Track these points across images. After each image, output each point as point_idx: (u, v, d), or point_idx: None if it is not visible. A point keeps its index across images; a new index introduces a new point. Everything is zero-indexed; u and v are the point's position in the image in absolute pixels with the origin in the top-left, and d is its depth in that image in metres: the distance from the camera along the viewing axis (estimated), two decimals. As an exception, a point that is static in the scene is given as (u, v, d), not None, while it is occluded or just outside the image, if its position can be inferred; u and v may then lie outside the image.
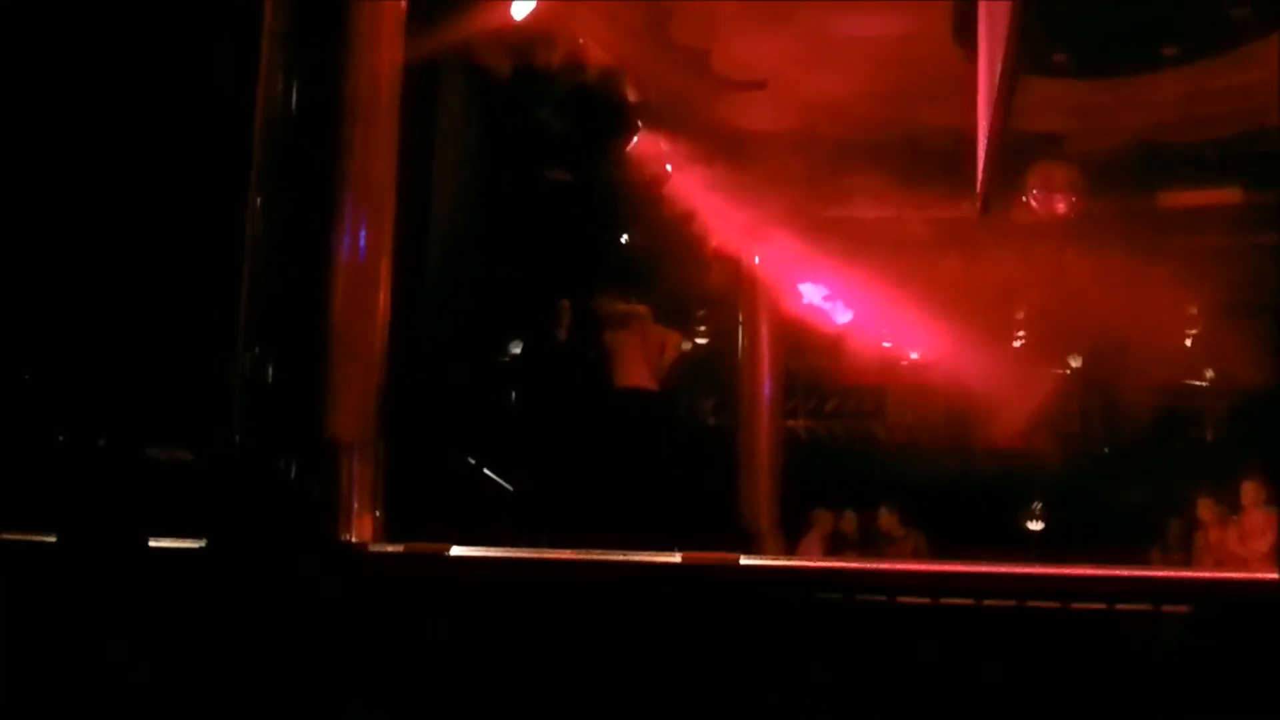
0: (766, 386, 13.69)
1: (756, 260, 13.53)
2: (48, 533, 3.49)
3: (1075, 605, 5.11)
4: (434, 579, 5.44)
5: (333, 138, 7.23)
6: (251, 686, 2.68)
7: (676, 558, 5.44)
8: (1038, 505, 12.93)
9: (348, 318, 7.14)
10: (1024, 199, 12.10)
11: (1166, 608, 4.67)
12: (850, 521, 12.41)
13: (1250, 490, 10.36)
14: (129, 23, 8.53)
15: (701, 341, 14.73)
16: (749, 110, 11.84)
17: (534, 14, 9.11)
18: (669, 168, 11.96)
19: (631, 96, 10.99)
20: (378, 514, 6.95)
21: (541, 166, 11.37)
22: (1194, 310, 13.78)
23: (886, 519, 12.45)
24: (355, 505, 6.85)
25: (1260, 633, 1.98)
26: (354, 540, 6.61)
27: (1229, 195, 12.34)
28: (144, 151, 8.67)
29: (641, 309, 10.93)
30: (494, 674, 2.08)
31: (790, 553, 12.01)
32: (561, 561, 5.79)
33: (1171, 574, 6.51)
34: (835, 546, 12.31)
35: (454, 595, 4.93)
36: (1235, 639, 1.96)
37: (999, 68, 6.66)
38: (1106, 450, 13.52)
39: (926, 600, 5.12)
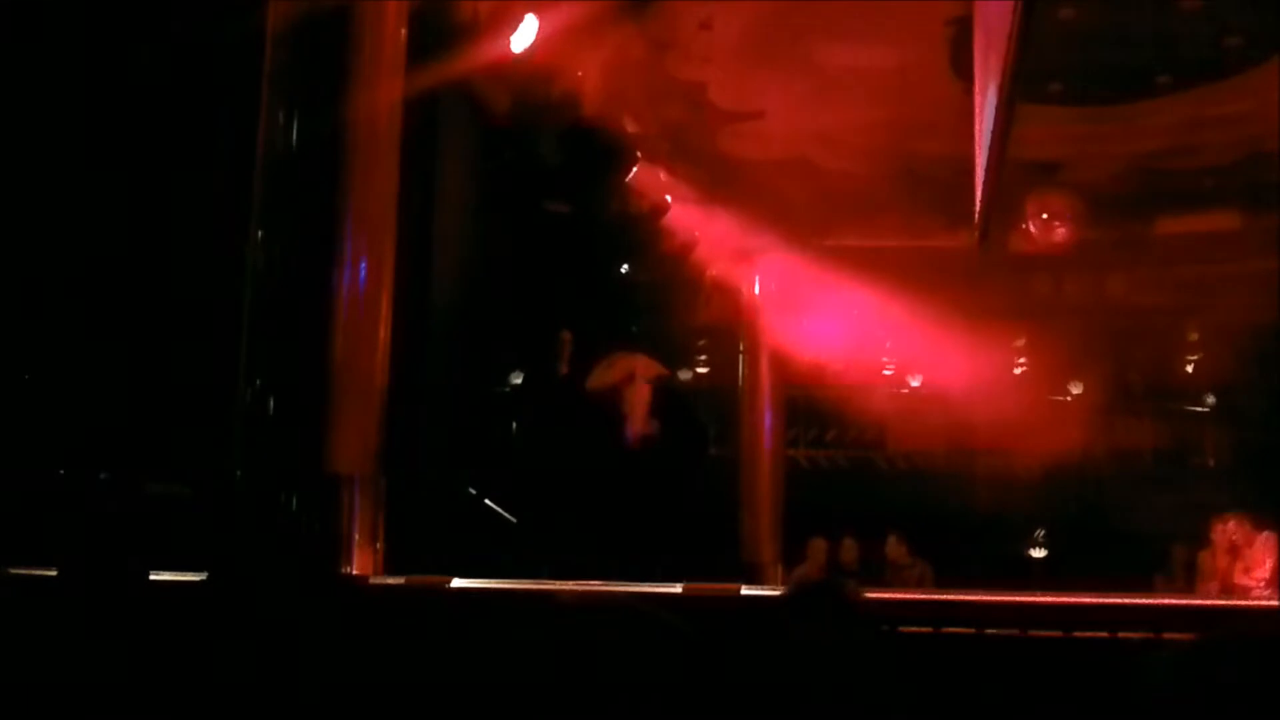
0: (767, 416, 13.67)
1: (756, 290, 13.55)
2: (48, 567, 3.48)
3: (1078, 633, 5.10)
4: (435, 611, 5.43)
5: (333, 172, 7.28)
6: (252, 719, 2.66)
7: (677, 588, 5.44)
8: (1040, 533, 12.89)
9: (348, 351, 7.17)
10: (1023, 227, 12.12)
11: (1169, 635, 4.67)
12: (850, 550, 12.35)
13: (1249, 520, 10.32)
14: (131, 60, 8.57)
15: (702, 371, 14.73)
16: (747, 141, 11.89)
17: (533, 48, 9.15)
18: (668, 199, 11.99)
19: (630, 129, 11.03)
20: (379, 546, 6.96)
21: (541, 199, 11.40)
22: (1194, 336, 13.78)
23: (894, 548, 12.40)
24: (356, 538, 6.86)
25: (1265, 661, 1.97)
26: (355, 573, 6.62)
27: (1227, 221, 12.37)
28: (146, 186, 8.71)
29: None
30: (496, 706, 2.07)
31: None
32: (563, 593, 5.77)
33: (1174, 601, 6.50)
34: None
35: (456, 627, 4.92)
36: (1240, 667, 1.94)
37: (996, 98, 6.69)
38: (1108, 477, 13.49)
39: (929, 629, 5.11)
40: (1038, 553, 12.77)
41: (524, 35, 9.05)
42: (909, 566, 12.22)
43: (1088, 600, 5.41)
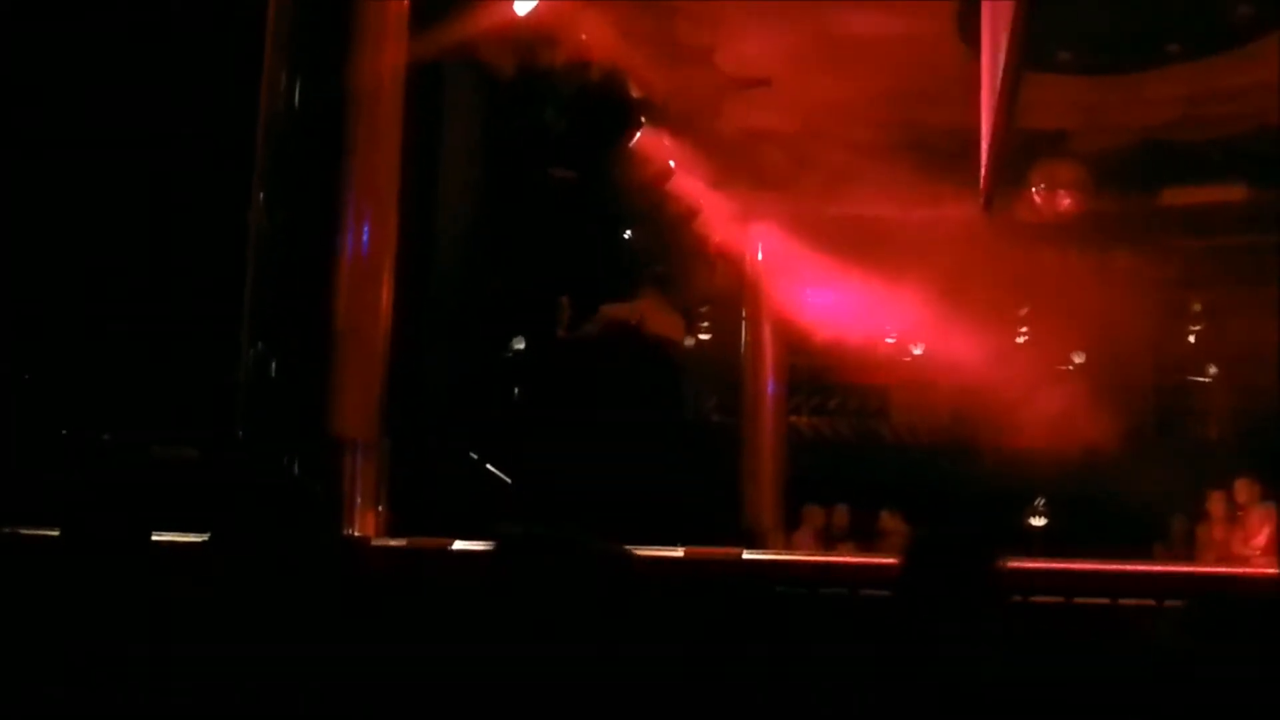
0: (770, 384, 13.68)
1: (759, 257, 13.52)
2: (51, 528, 3.49)
3: (1078, 600, 5.12)
4: (437, 573, 5.45)
5: (336, 136, 7.26)
6: (253, 681, 2.68)
7: (679, 552, 5.46)
8: (1041, 502, 12.91)
9: (351, 315, 7.17)
10: (1029, 197, 12.08)
11: (1169, 603, 4.68)
12: (842, 515, 12.39)
13: (1247, 488, 10.34)
14: (134, 21, 8.54)
15: (705, 338, 14.72)
16: (753, 108, 11.83)
17: (537, 13, 9.10)
18: (673, 165, 11.95)
19: (635, 94, 10.98)
20: (381, 509, 6.98)
21: (546, 164, 11.38)
22: (1197, 307, 13.77)
23: (888, 519, 12.43)
24: (359, 501, 6.88)
25: (1263, 627, 1.98)
26: (357, 535, 6.64)
27: (1233, 193, 12.32)
28: (149, 149, 8.69)
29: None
30: (496, 667, 2.09)
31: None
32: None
33: (1174, 569, 6.52)
34: (829, 542, 12.29)
35: (458, 589, 4.93)
36: (1238, 634, 1.96)
37: (1003, 66, 6.66)
38: (1110, 447, 13.50)
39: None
40: (1039, 522, 12.80)
41: (528, -1, 9.01)
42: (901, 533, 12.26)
43: (1088, 568, 5.43)
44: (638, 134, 11.09)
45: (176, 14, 8.48)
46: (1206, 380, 14.09)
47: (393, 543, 6.32)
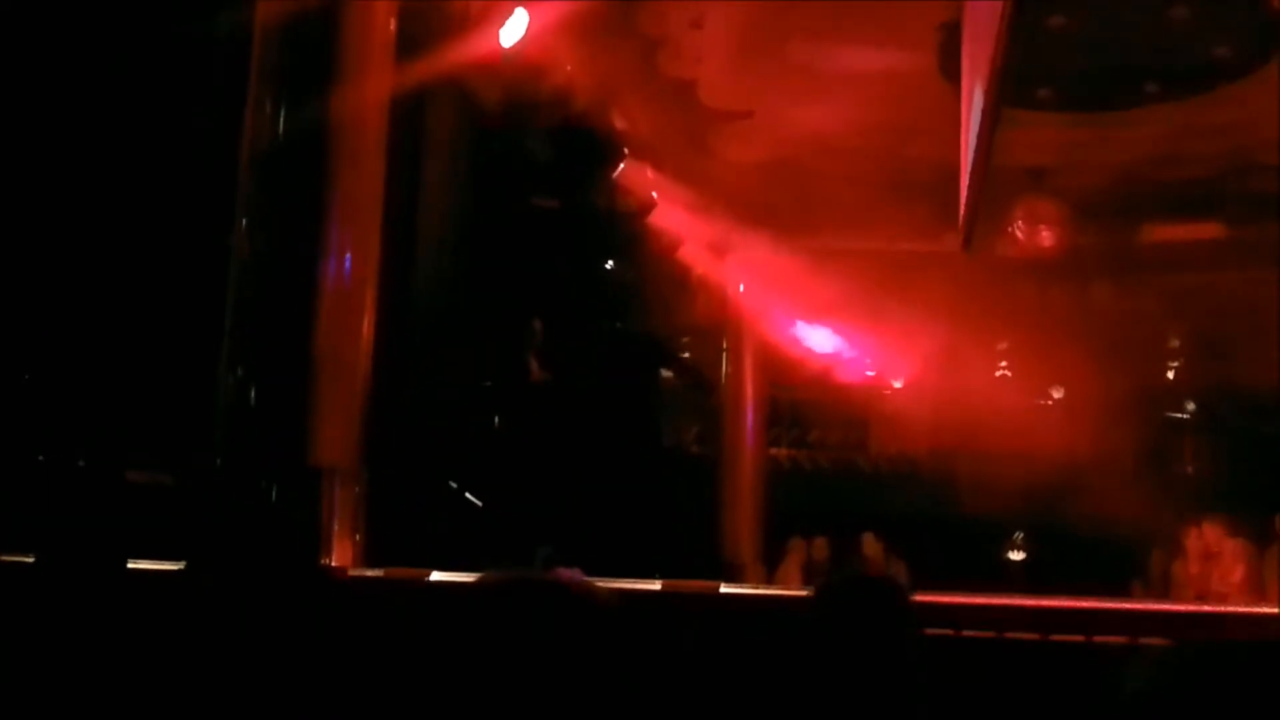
0: (749, 415, 13.68)
1: (740, 289, 13.56)
2: (25, 553, 3.47)
3: (1055, 637, 5.12)
4: (414, 604, 5.43)
5: (319, 165, 7.27)
6: (228, 712, 2.66)
7: (657, 585, 5.44)
8: (1019, 536, 12.92)
9: (332, 343, 7.16)
10: (1009, 232, 12.15)
11: (1144, 640, 4.69)
12: (821, 548, 12.37)
13: (1222, 525, 10.37)
14: (120, 50, 8.53)
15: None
16: (735, 141, 11.89)
17: (522, 44, 9.14)
18: (655, 196, 11.99)
19: (618, 126, 11.03)
20: (358, 538, 6.95)
21: (528, 194, 11.39)
22: (1175, 343, 13.84)
23: (871, 545, 12.42)
24: (336, 529, 6.86)
25: (1242, 667, 1.98)
26: (334, 565, 6.61)
27: (1211, 230, 12.42)
28: (131, 176, 8.67)
29: None
30: (474, 699, 2.08)
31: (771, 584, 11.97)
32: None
33: (1150, 607, 6.53)
34: (811, 575, 12.26)
35: (434, 620, 4.91)
36: (1216, 673, 1.96)
37: (982, 102, 6.72)
38: (1088, 481, 13.54)
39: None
40: (1016, 556, 12.81)
41: (514, 30, 9.04)
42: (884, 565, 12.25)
43: (1064, 604, 5.43)
44: (621, 165, 11.13)
45: (160, 42, 8.47)
46: (1185, 416, 14.15)
47: (369, 573, 6.29)
